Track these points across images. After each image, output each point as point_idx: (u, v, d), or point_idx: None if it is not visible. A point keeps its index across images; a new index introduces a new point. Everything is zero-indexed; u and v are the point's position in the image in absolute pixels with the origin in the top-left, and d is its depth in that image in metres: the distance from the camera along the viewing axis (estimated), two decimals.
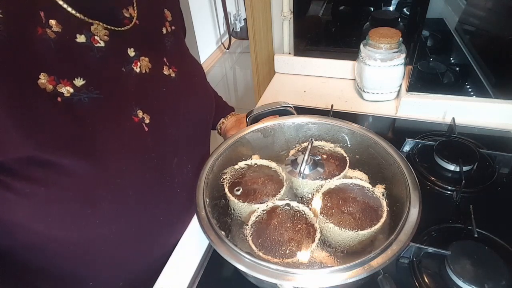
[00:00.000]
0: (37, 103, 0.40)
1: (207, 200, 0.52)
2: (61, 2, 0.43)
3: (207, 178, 0.56)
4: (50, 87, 0.41)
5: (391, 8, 1.11)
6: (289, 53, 1.19)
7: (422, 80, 0.99)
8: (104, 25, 0.47)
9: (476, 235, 0.59)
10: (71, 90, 0.43)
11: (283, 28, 1.16)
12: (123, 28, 0.50)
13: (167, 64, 0.57)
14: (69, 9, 0.44)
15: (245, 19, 3.79)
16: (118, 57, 0.50)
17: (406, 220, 0.47)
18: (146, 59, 0.53)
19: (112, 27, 0.48)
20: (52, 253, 0.54)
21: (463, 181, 0.67)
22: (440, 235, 0.62)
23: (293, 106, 0.68)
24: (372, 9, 1.13)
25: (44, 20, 0.42)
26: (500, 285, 0.51)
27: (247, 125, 0.68)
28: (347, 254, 0.50)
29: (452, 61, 1.11)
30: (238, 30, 3.86)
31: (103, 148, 0.46)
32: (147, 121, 0.52)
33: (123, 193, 0.51)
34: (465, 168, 0.72)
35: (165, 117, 0.55)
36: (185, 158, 0.61)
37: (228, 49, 3.70)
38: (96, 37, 0.46)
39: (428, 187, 0.72)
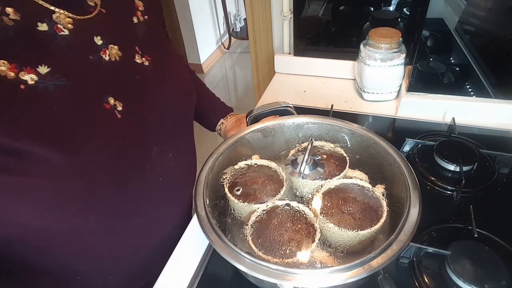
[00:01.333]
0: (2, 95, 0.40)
1: (207, 200, 0.52)
2: None
3: (207, 178, 0.56)
4: (12, 74, 0.41)
5: (391, 8, 1.11)
6: (289, 53, 1.19)
7: (422, 80, 0.99)
8: (67, 13, 0.47)
9: (476, 235, 0.59)
10: (36, 78, 0.43)
11: (283, 28, 1.16)
12: (87, 16, 0.50)
13: (140, 52, 0.57)
14: None
15: (245, 19, 3.79)
16: (84, 45, 0.49)
17: (406, 220, 0.47)
18: (116, 47, 0.53)
19: (75, 16, 0.48)
20: (32, 245, 0.53)
21: (463, 181, 0.67)
22: (440, 235, 0.62)
23: (293, 106, 0.68)
24: (372, 9, 1.13)
25: (0, 8, 0.42)
26: (500, 285, 0.51)
27: (247, 125, 0.68)
28: (347, 254, 0.50)
29: (452, 61, 1.11)
30: (238, 30, 3.86)
31: (72, 135, 0.46)
32: (119, 108, 0.51)
33: (99, 181, 0.50)
34: (465, 168, 0.72)
35: (140, 105, 0.55)
36: (166, 147, 0.61)
37: (228, 49, 3.70)
38: (59, 25, 0.46)
39: (428, 187, 0.72)
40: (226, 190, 0.57)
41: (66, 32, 0.47)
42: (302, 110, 0.97)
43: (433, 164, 0.76)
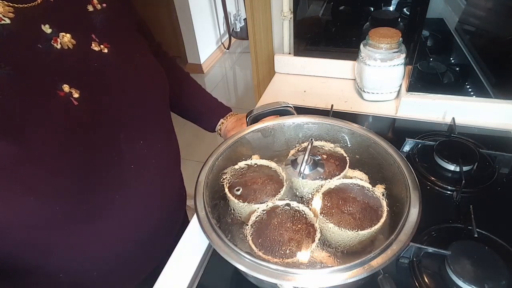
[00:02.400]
0: None
1: (207, 200, 0.52)
2: None
3: (207, 178, 0.56)
4: None
5: (391, 8, 1.11)
6: (289, 53, 1.19)
7: (422, 80, 0.99)
8: (6, 2, 0.46)
9: (476, 235, 0.59)
10: None
11: (283, 28, 1.16)
12: (30, 4, 0.49)
13: (97, 40, 0.55)
14: None
15: (245, 19, 3.79)
16: (30, 34, 0.48)
17: (406, 220, 0.47)
18: (68, 35, 0.52)
19: (16, 4, 0.47)
20: (3, 242, 0.53)
21: (463, 181, 0.67)
22: (440, 235, 0.62)
23: (293, 106, 0.68)
24: (372, 9, 1.13)
25: None
26: (500, 285, 0.51)
27: (247, 125, 0.68)
28: (347, 254, 0.50)
29: (452, 61, 1.11)
30: (238, 30, 3.86)
31: (21, 124, 0.45)
32: (76, 95, 0.50)
33: (60, 171, 0.49)
34: (465, 168, 0.72)
35: (99, 91, 0.54)
36: (135, 134, 0.59)
37: (228, 49, 3.70)
38: None
39: (428, 187, 0.72)
40: (226, 190, 0.57)
41: (7, 21, 0.46)
42: (302, 110, 0.97)
43: (433, 164, 0.76)
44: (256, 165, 0.62)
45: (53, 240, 0.56)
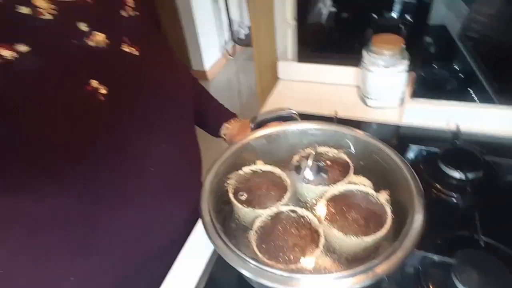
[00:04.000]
0: None
1: (212, 205, 0.52)
2: None
3: (211, 184, 0.56)
4: None
5: (394, 15, 1.12)
6: (293, 60, 1.20)
7: (426, 86, 1.00)
8: None
9: (481, 243, 0.58)
10: (15, 55, 0.44)
11: (286, 35, 1.16)
12: (69, 0, 0.51)
13: (128, 42, 0.57)
14: None
15: (249, 26, 3.81)
16: (67, 29, 0.50)
17: (411, 226, 0.46)
18: (103, 35, 0.53)
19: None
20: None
21: (468, 188, 0.67)
22: (445, 243, 0.61)
23: (297, 112, 0.69)
24: (374, 16, 1.13)
25: None
26: None
27: (252, 131, 0.68)
28: (351, 260, 0.50)
29: (456, 67, 1.11)
30: (242, 37, 3.88)
31: (48, 111, 0.46)
32: (103, 91, 0.51)
33: (80, 159, 0.49)
34: (470, 175, 0.72)
35: (126, 91, 0.55)
36: (156, 136, 0.60)
37: (232, 56, 3.72)
38: (41, 9, 0.47)
39: (433, 194, 0.72)
40: (231, 195, 0.57)
41: (48, 16, 0.48)
42: (305, 116, 0.97)
43: (437, 171, 0.76)
44: (260, 171, 0.62)
45: (70, 235, 0.55)
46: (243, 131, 0.81)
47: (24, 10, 0.46)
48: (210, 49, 3.42)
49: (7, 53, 0.43)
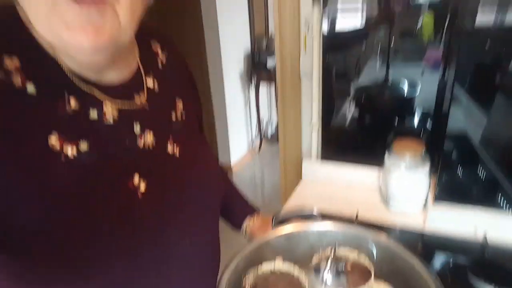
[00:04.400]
0: (44, 160, 0.46)
1: None
2: (83, 86, 0.51)
3: (229, 280, 0.55)
4: (57, 147, 0.47)
5: (415, 121, 1.17)
6: (317, 159, 1.24)
7: (449, 192, 0.99)
8: (115, 104, 0.54)
9: None
10: (75, 153, 0.48)
11: (311, 136, 1.23)
12: (132, 108, 0.57)
13: (172, 143, 0.62)
14: (90, 90, 0.51)
15: (276, 125, 4.01)
16: (124, 131, 0.55)
17: None
18: (151, 135, 0.58)
19: (122, 108, 0.55)
20: None
21: None
22: None
23: (319, 212, 0.70)
24: (396, 121, 1.19)
25: (66, 97, 0.49)
26: None
27: (272, 228, 0.69)
28: None
29: (480, 174, 1.11)
30: (270, 135, 4.06)
31: (96, 209, 0.49)
32: (142, 189, 0.54)
33: (112, 257, 0.51)
34: None
35: (163, 190, 0.58)
36: (184, 233, 0.61)
37: (258, 152, 3.86)
38: (106, 113, 0.53)
39: None
40: None
41: (111, 119, 0.53)
42: (327, 216, 0.98)
43: (466, 282, 0.72)
44: (278, 270, 0.61)
45: None
46: (264, 227, 0.82)
47: (93, 114, 0.52)
48: (238, 143, 3.58)
49: (70, 151, 0.48)
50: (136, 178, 0.54)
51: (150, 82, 0.62)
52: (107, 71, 0.54)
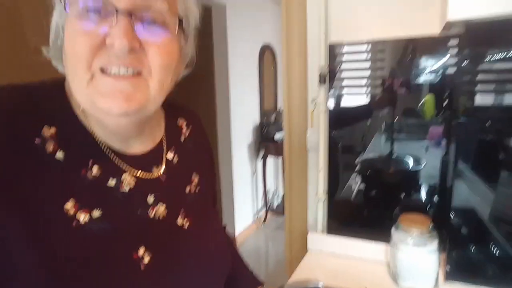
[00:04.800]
0: (57, 224, 0.47)
1: None
2: (109, 154, 0.54)
3: None
4: (72, 212, 0.48)
5: (421, 195, 1.18)
6: (323, 232, 1.22)
7: (460, 269, 0.96)
8: (134, 173, 0.56)
9: None
10: (87, 219, 0.49)
11: (317, 208, 1.23)
12: (148, 177, 0.58)
13: (183, 215, 0.62)
14: (114, 158, 0.54)
15: (282, 196, 3.99)
16: (138, 201, 0.56)
17: None
18: (163, 207, 0.59)
19: (139, 176, 0.57)
20: None
21: None
22: None
23: (325, 286, 0.68)
24: (402, 195, 1.20)
25: (90, 165, 0.52)
26: None
27: None
28: None
29: (492, 251, 1.08)
30: (275, 206, 4.03)
31: (97, 277, 0.49)
32: (146, 261, 0.53)
33: None
34: None
35: (168, 262, 0.57)
36: None
37: (264, 223, 3.80)
38: (124, 182, 0.55)
39: None
40: None
41: (127, 189, 0.55)
42: None
43: None
44: None
45: None
46: None
47: (111, 182, 0.54)
48: (243, 214, 3.54)
49: (82, 218, 0.49)
50: (142, 250, 0.54)
51: (170, 155, 0.65)
52: (133, 140, 0.58)
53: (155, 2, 0.49)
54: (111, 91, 0.47)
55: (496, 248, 1.07)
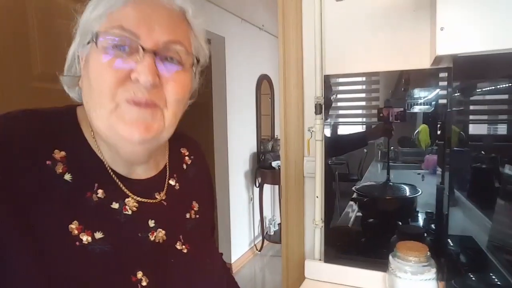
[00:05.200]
0: (61, 242, 0.49)
1: None
2: (116, 179, 0.57)
3: None
4: (76, 232, 0.50)
5: (418, 223, 1.18)
6: (320, 260, 1.22)
7: None
8: (137, 198, 0.59)
9: None
10: (90, 240, 0.51)
11: (314, 235, 1.23)
12: (150, 201, 0.61)
13: (182, 241, 0.64)
14: (119, 183, 0.57)
15: (279, 224, 3.96)
16: (139, 224, 0.59)
17: None
18: (163, 232, 0.61)
19: (141, 199, 0.60)
20: None
21: None
22: None
23: None
24: (399, 223, 1.20)
25: (95, 188, 0.54)
26: None
27: None
28: None
29: (491, 279, 1.08)
30: (272, 233, 3.98)
31: None
32: (144, 283, 0.55)
33: None
34: None
35: (165, 285, 0.58)
36: None
37: (260, 251, 3.74)
38: (127, 206, 0.57)
39: None
40: None
41: (130, 212, 0.58)
42: None
43: None
44: None
45: None
46: None
47: (115, 205, 0.57)
48: (239, 242, 3.50)
49: (85, 238, 0.52)
50: (140, 274, 0.56)
51: (172, 182, 0.67)
52: (138, 167, 0.61)
53: (174, 44, 0.54)
54: (135, 120, 0.51)
55: (495, 277, 1.06)
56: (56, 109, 0.58)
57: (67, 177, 0.52)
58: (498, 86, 0.97)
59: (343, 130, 1.27)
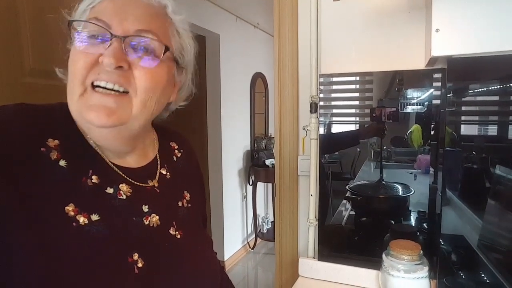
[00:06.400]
0: (58, 223, 0.50)
1: None
2: (109, 166, 0.59)
3: None
4: (72, 213, 0.52)
5: (411, 222, 1.19)
6: (314, 258, 1.22)
7: None
8: (131, 181, 0.61)
9: None
10: (86, 221, 0.53)
11: (308, 233, 1.23)
12: (143, 185, 0.63)
13: (175, 227, 0.66)
14: (112, 169, 0.59)
15: (272, 222, 3.97)
16: (133, 209, 0.60)
17: None
18: (157, 217, 0.63)
19: (135, 183, 0.62)
20: None
21: None
22: None
23: None
24: (392, 222, 1.21)
25: (90, 173, 0.56)
26: None
27: None
28: None
29: (482, 277, 1.09)
30: (265, 231, 3.99)
31: (92, 276, 0.52)
32: (139, 265, 0.57)
33: None
34: None
35: (159, 267, 0.60)
36: None
37: (253, 249, 3.75)
38: (121, 191, 0.59)
39: None
40: None
41: (124, 196, 0.60)
42: None
43: None
44: None
45: None
46: None
47: (109, 190, 0.58)
48: (232, 239, 3.50)
49: (82, 220, 0.53)
50: (136, 255, 0.57)
51: (163, 171, 0.70)
52: (128, 156, 0.64)
53: (146, 32, 0.56)
54: (96, 105, 0.53)
55: (486, 276, 1.08)
56: (49, 104, 0.60)
57: (62, 163, 0.54)
58: (490, 88, 0.98)
59: (337, 129, 1.28)
